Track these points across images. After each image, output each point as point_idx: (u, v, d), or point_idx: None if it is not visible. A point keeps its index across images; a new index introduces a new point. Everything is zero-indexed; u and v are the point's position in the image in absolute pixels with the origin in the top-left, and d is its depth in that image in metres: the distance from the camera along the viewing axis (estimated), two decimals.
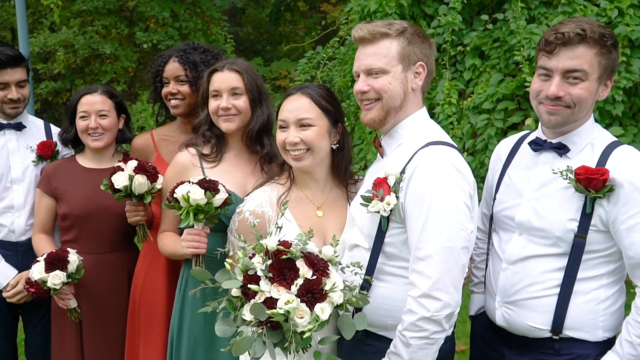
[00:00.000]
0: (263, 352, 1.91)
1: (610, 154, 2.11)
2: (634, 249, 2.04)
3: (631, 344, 2.05)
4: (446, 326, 2.07)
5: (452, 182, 2.07)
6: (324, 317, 1.91)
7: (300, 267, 1.96)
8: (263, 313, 1.89)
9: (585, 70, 2.08)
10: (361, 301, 2.05)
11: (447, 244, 2.03)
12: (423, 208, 2.06)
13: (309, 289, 1.93)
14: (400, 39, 2.20)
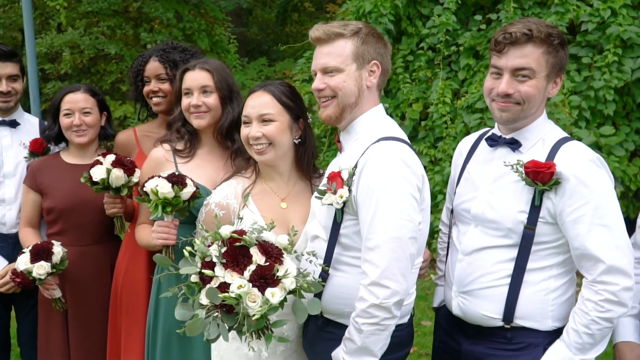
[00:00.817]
0: (217, 334, 2.00)
1: (559, 149, 2.18)
2: (579, 240, 2.10)
3: (577, 333, 2.11)
4: (396, 313, 2.15)
5: (399, 175, 2.15)
6: (274, 301, 1.99)
7: (254, 254, 2.05)
8: (217, 297, 1.98)
9: (533, 69, 2.16)
10: (313, 287, 2.14)
11: (394, 235, 2.12)
12: (372, 200, 2.15)
13: (262, 274, 2.02)
14: (355, 39, 2.29)
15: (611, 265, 2.06)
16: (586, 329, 2.09)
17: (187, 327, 2.02)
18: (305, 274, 2.15)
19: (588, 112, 5.85)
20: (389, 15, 6.47)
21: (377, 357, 2.20)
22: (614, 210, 2.11)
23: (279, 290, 2.02)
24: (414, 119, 6.61)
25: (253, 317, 2.00)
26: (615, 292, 2.06)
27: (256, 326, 2.05)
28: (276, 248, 2.10)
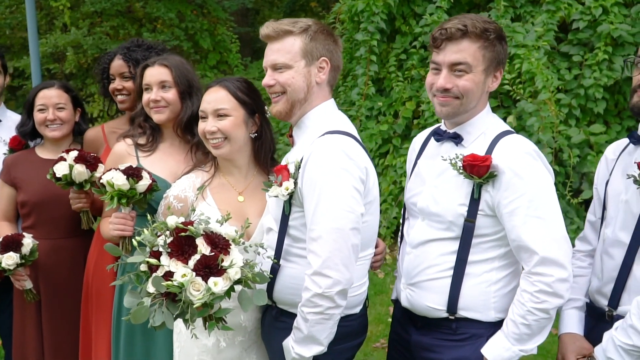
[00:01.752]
0: (162, 321, 2.04)
1: (497, 142, 2.20)
2: (515, 232, 2.13)
3: (514, 323, 2.14)
4: (340, 302, 2.19)
5: (341, 167, 2.19)
6: (216, 290, 2.03)
7: (200, 244, 2.09)
8: (161, 285, 2.03)
9: (469, 63, 2.18)
10: (259, 278, 2.19)
11: (336, 225, 2.16)
12: (315, 192, 2.19)
13: (206, 264, 2.06)
14: (303, 36, 2.32)
15: (545, 256, 2.08)
16: (523, 320, 2.12)
17: (131, 315, 2.07)
18: (252, 265, 2.19)
19: (578, 110, 5.85)
20: (381, 14, 6.52)
21: (323, 345, 2.25)
22: (549, 202, 2.13)
23: (223, 279, 2.06)
24: (407, 117, 6.65)
25: (194, 305, 2.04)
26: (549, 284, 2.08)
27: (200, 314, 2.10)
28: (223, 239, 2.14)
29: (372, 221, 2.38)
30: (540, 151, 2.21)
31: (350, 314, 2.40)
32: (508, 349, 2.16)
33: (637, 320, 2.01)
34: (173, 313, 2.07)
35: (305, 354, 2.26)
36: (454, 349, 2.27)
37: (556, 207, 2.15)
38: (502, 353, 2.17)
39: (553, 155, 5.66)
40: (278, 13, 15.88)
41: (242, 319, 2.59)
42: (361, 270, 2.40)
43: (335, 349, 2.35)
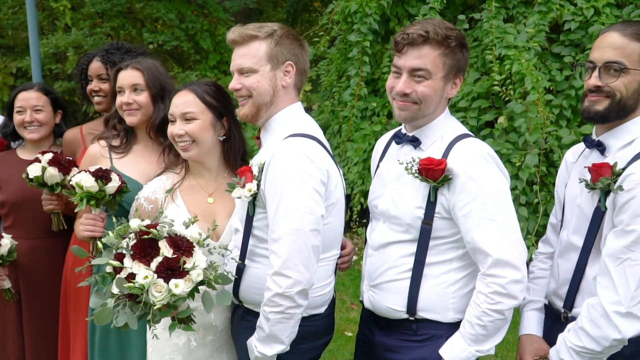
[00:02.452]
0: (124, 322, 2.10)
1: (453, 146, 2.23)
2: (470, 235, 2.16)
3: (470, 324, 2.17)
4: (300, 302, 2.24)
5: (302, 170, 2.24)
6: (177, 291, 2.09)
7: (163, 247, 2.14)
8: (124, 287, 2.08)
9: (429, 70, 2.21)
10: (221, 279, 2.24)
11: (296, 227, 2.21)
12: (276, 194, 2.25)
13: (168, 266, 2.12)
14: (269, 40, 2.38)
15: (498, 258, 2.11)
16: (478, 321, 2.15)
17: (95, 316, 2.13)
18: (215, 266, 2.24)
19: (569, 111, 5.83)
20: (374, 15, 6.51)
21: (285, 344, 2.30)
22: (503, 205, 2.16)
23: (184, 281, 2.11)
24: None
25: (154, 307, 2.09)
26: (503, 285, 2.11)
27: (162, 314, 2.15)
28: (187, 241, 2.19)
29: (335, 223, 2.42)
30: (495, 155, 2.24)
31: (314, 313, 2.44)
32: (465, 350, 2.19)
33: (587, 322, 2.03)
34: (136, 314, 2.12)
35: (268, 352, 2.30)
36: (414, 349, 2.31)
37: (510, 209, 2.18)
38: (459, 354, 2.20)
39: (544, 156, 5.66)
40: (282, 13, 15.92)
41: (212, 318, 2.64)
42: (324, 271, 2.44)
43: (300, 348, 2.40)
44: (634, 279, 1.96)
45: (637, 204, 1.97)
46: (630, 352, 2.08)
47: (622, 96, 2.08)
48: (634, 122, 2.12)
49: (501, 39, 5.86)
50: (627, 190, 2.00)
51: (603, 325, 2.00)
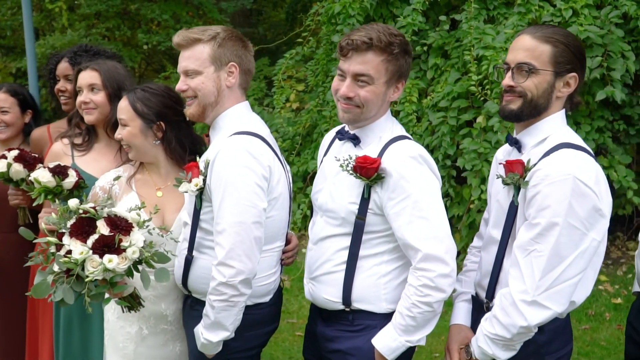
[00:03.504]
0: (61, 297, 2.21)
1: (389, 147, 2.32)
2: (401, 231, 2.26)
3: (401, 315, 2.27)
4: (243, 291, 2.35)
5: (244, 165, 2.35)
6: (111, 266, 2.21)
7: (100, 225, 2.28)
8: (60, 262, 2.21)
9: (372, 75, 2.29)
10: (158, 257, 2.37)
11: (238, 219, 2.33)
12: (220, 188, 2.36)
13: (104, 243, 2.25)
14: (212, 43, 2.48)
15: (428, 253, 2.20)
16: (408, 312, 2.24)
17: (33, 290, 2.26)
18: (152, 245, 2.37)
19: None
20: (357, 17, 6.61)
21: (229, 331, 2.41)
22: (433, 203, 2.26)
23: (120, 257, 2.23)
24: None
25: (87, 279, 2.21)
26: (432, 278, 2.20)
27: (99, 289, 2.27)
28: (126, 221, 2.32)
29: (278, 216, 2.53)
30: (428, 156, 2.33)
31: (259, 302, 2.56)
32: (395, 340, 2.28)
33: (499, 311, 2.14)
34: (76, 291, 2.23)
35: (213, 339, 2.42)
36: (350, 339, 2.40)
37: (440, 207, 2.28)
38: (389, 343, 2.29)
39: None
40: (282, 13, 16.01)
41: (163, 308, 2.76)
42: (268, 261, 2.55)
43: (246, 335, 2.52)
44: (539, 269, 2.05)
45: (542, 199, 2.06)
46: (545, 340, 2.18)
47: (533, 96, 2.16)
48: (546, 121, 2.21)
49: (479, 39, 5.95)
50: (534, 185, 2.10)
51: (512, 313, 2.09)
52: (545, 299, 2.05)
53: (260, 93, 9.68)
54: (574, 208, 2.01)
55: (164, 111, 2.68)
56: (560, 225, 2.02)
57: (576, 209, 2.01)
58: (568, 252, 2.03)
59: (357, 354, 2.38)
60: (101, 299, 2.34)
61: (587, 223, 2.03)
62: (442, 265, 2.21)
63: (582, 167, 2.06)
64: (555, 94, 2.18)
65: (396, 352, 2.30)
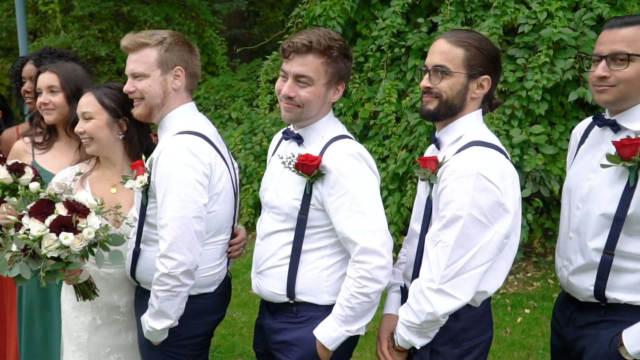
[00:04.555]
0: (18, 272, 2.34)
1: (329, 145, 2.42)
2: (340, 226, 2.36)
3: (341, 306, 2.36)
4: (185, 281, 2.48)
5: (185, 163, 2.47)
6: (67, 242, 2.35)
7: (59, 207, 2.42)
8: (18, 239, 2.35)
9: (311, 77, 2.38)
10: (112, 238, 2.51)
11: (179, 214, 2.45)
12: (163, 185, 2.49)
13: (61, 223, 2.38)
14: (159, 47, 2.61)
15: (365, 246, 2.30)
16: (347, 303, 2.34)
17: None
18: (107, 227, 2.51)
19: (520, 112, 6.02)
20: (337, 19, 6.73)
21: (172, 319, 2.54)
22: (370, 198, 2.35)
23: (76, 237, 2.37)
24: (365, 118, 6.87)
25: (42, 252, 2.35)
26: (369, 270, 2.30)
27: (54, 267, 2.40)
28: (83, 206, 2.47)
29: (221, 211, 2.66)
30: (366, 154, 2.42)
31: (204, 292, 2.68)
32: (335, 330, 2.38)
33: (411, 298, 2.25)
34: (32, 269, 2.36)
35: (157, 326, 2.55)
36: (294, 330, 2.49)
37: (377, 203, 2.37)
38: (330, 333, 2.39)
39: None
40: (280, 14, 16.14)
41: (116, 299, 2.88)
42: (212, 254, 2.68)
43: (191, 324, 2.65)
44: (444, 259, 2.15)
45: (448, 193, 2.17)
46: (461, 328, 2.28)
47: (448, 96, 2.27)
48: (462, 120, 2.31)
49: None
50: (442, 180, 2.21)
51: (420, 300, 2.20)
52: (450, 288, 2.16)
53: (251, 94, 9.82)
54: (477, 202, 2.11)
55: (128, 107, 2.79)
56: (464, 217, 2.12)
57: (479, 202, 2.11)
58: (472, 243, 2.14)
59: (301, 344, 2.47)
60: (56, 278, 2.44)
61: (491, 217, 2.13)
62: (379, 257, 2.31)
63: (488, 163, 2.16)
64: (470, 95, 2.29)
65: (336, 342, 2.40)
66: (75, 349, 2.90)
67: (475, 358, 2.34)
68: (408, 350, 2.37)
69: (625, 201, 2.15)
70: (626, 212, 2.15)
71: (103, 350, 2.90)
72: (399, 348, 2.36)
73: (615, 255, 2.19)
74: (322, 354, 2.43)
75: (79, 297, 2.70)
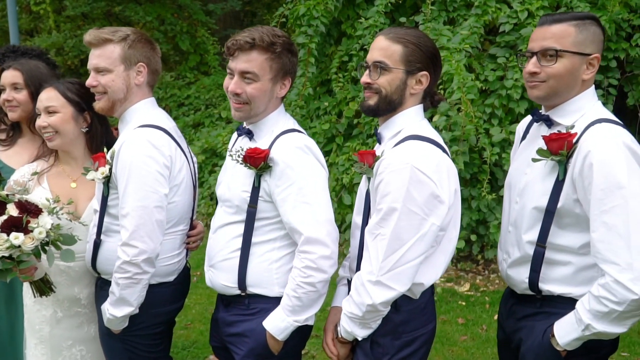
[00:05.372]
0: None
1: (277, 139, 2.47)
2: (287, 216, 2.40)
3: (288, 297, 2.40)
4: (146, 269, 2.55)
5: (146, 155, 2.55)
6: (17, 242, 2.42)
7: (10, 208, 2.49)
8: None
9: (256, 73, 2.43)
10: (63, 238, 2.57)
11: (141, 204, 2.53)
12: (124, 175, 2.56)
13: (12, 223, 2.45)
14: (122, 44, 2.67)
15: (309, 236, 2.34)
16: (294, 293, 2.38)
17: None
18: (59, 227, 2.57)
19: (500, 110, 6.06)
20: (321, 18, 6.78)
21: (133, 306, 2.60)
22: (316, 190, 2.39)
23: (26, 237, 2.43)
24: (349, 117, 6.92)
25: None
26: (313, 260, 2.34)
27: (5, 265, 2.47)
28: (35, 206, 2.52)
29: (181, 202, 2.73)
30: (314, 146, 2.47)
31: (163, 281, 2.74)
32: (283, 320, 2.42)
33: (353, 290, 2.28)
34: None
35: (117, 314, 2.61)
36: (247, 322, 2.54)
37: (323, 194, 2.42)
38: (278, 324, 2.43)
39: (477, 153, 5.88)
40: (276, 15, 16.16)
41: (76, 291, 2.92)
42: (172, 243, 2.75)
43: (151, 312, 2.71)
44: (382, 251, 2.19)
45: (384, 186, 2.20)
46: (401, 320, 2.31)
47: (387, 92, 2.30)
48: (401, 115, 2.35)
49: (435, 40, 6.10)
50: (379, 174, 2.24)
51: (361, 292, 2.24)
52: (388, 280, 2.20)
53: None
54: (412, 194, 2.15)
55: (90, 101, 2.83)
56: (399, 210, 2.16)
57: (414, 195, 2.15)
58: (408, 235, 2.18)
59: (252, 335, 2.51)
60: (7, 276, 2.51)
61: (426, 209, 2.17)
62: (323, 247, 2.35)
63: (422, 156, 2.20)
64: (409, 91, 2.33)
65: (285, 332, 2.43)
66: (37, 342, 2.95)
67: (416, 350, 2.37)
68: (352, 342, 2.41)
69: (556, 194, 2.19)
70: (556, 205, 2.19)
71: (65, 343, 2.95)
72: (342, 340, 2.40)
73: (547, 248, 2.23)
74: (272, 344, 2.46)
75: (36, 294, 2.75)
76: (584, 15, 2.27)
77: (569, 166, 2.17)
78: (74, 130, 2.88)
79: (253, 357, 2.50)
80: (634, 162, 2.07)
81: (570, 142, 2.15)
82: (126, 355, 2.76)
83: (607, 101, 6.10)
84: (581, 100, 2.27)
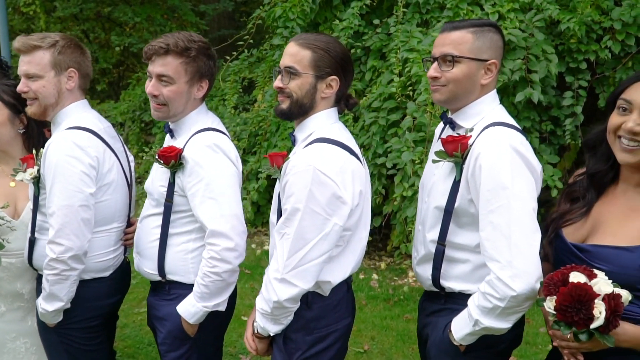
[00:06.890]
0: None
1: (192, 137, 2.60)
2: (195, 210, 2.53)
3: (198, 284, 2.55)
4: (74, 266, 2.66)
5: (70, 155, 2.66)
6: None
7: None
8: None
9: (171, 76, 2.57)
10: None
11: (65, 203, 2.64)
12: (51, 176, 2.67)
13: None
14: (52, 50, 2.76)
15: (213, 229, 2.49)
16: (202, 281, 2.53)
17: None
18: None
19: None
20: (297, 20, 6.87)
21: (63, 301, 2.72)
22: (223, 186, 2.53)
23: None
24: None
25: None
26: (217, 252, 2.49)
27: None
28: None
29: (113, 200, 2.85)
30: (225, 145, 2.59)
31: (98, 277, 2.87)
32: (194, 305, 2.58)
33: (264, 287, 2.37)
34: None
35: (49, 308, 2.72)
36: (167, 306, 2.71)
37: (230, 190, 2.55)
38: (189, 309, 2.60)
39: None
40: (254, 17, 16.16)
41: (19, 287, 3.04)
42: (105, 241, 2.87)
43: (86, 307, 2.83)
44: (287, 250, 2.28)
45: (289, 187, 2.29)
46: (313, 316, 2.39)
47: (298, 96, 2.39)
48: (312, 119, 2.43)
49: (405, 42, 6.17)
50: (285, 175, 2.34)
51: (269, 289, 2.33)
52: (292, 277, 2.28)
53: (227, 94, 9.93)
54: (314, 195, 2.24)
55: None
56: (302, 210, 2.25)
57: (316, 196, 2.24)
58: (311, 235, 2.26)
59: (170, 319, 2.67)
60: None
61: (329, 209, 2.26)
62: (226, 240, 2.49)
63: (326, 158, 2.28)
64: (319, 95, 2.40)
65: (196, 317, 2.59)
66: None
67: (330, 345, 2.46)
68: (269, 337, 2.50)
69: (453, 195, 2.27)
70: (454, 205, 2.27)
71: (9, 336, 3.07)
72: (258, 335, 2.49)
73: (446, 246, 2.32)
74: (187, 327, 2.64)
75: None
76: (483, 22, 2.35)
77: (464, 167, 2.25)
78: (10, 132, 2.98)
79: (171, 339, 2.67)
80: (521, 165, 2.15)
81: (465, 144, 2.23)
82: (62, 348, 2.87)
83: (578, 102, 6.16)
84: (481, 104, 2.35)
